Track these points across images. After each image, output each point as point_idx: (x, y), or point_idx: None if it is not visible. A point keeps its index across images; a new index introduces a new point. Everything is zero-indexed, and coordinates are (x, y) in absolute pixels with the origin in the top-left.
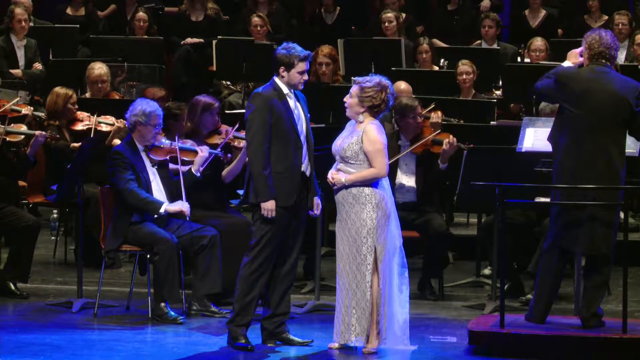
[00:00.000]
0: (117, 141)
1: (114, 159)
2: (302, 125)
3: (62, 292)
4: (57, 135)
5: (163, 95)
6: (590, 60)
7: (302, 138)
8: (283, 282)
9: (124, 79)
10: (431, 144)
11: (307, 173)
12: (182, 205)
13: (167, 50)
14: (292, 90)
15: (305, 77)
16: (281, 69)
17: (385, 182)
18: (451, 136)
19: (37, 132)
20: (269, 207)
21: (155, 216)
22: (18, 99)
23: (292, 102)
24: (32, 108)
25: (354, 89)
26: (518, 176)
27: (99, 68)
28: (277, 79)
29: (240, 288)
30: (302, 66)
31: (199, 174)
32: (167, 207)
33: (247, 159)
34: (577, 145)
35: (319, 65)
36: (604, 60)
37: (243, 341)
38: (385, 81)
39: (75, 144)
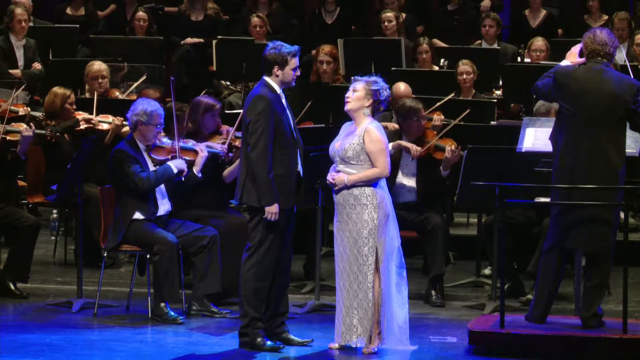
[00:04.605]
0: (127, 129)
1: (117, 157)
2: (292, 124)
3: (62, 292)
4: (58, 134)
5: (158, 96)
6: (587, 59)
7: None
8: (281, 281)
9: (126, 74)
10: (434, 149)
11: (302, 173)
12: (183, 164)
13: (167, 50)
14: (281, 90)
15: (298, 72)
16: (275, 69)
17: (384, 183)
18: (454, 144)
19: (23, 128)
20: (273, 210)
21: (157, 215)
22: (15, 95)
23: (284, 101)
24: (29, 109)
25: (360, 85)
26: (518, 176)
27: (98, 64)
28: (269, 79)
29: (251, 297)
30: (294, 62)
31: (200, 175)
32: (175, 165)
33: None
34: (574, 144)
35: (320, 64)
36: (599, 58)
37: (269, 342)
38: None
39: (86, 118)
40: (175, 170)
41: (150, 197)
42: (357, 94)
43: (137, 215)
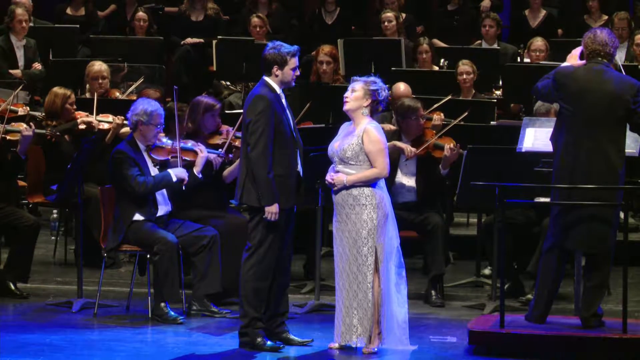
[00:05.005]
0: (126, 129)
1: (116, 158)
2: (292, 124)
3: (62, 292)
4: (58, 133)
5: (159, 96)
6: (588, 59)
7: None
8: (281, 281)
9: (126, 74)
10: (433, 147)
11: (302, 173)
12: (184, 173)
13: (167, 50)
14: (281, 89)
15: (297, 72)
16: (274, 68)
17: (383, 183)
18: (453, 143)
19: (23, 127)
20: (273, 210)
21: (157, 215)
22: (14, 95)
23: (284, 101)
24: (28, 108)
25: (358, 85)
26: (518, 176)
27: (98, 65)
28: (268, 79)
29: (251, 297)
30: (294, 62)
31: (200, 175)
32: (175, 174)
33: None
34: (574, 144)
35: (320, 64)
36: (600, 58)
37: (269, 342)
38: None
39: (86, 120)
40: (174, 179)
41: (149, 198)
42: (355, 94)
43: (137, 217)
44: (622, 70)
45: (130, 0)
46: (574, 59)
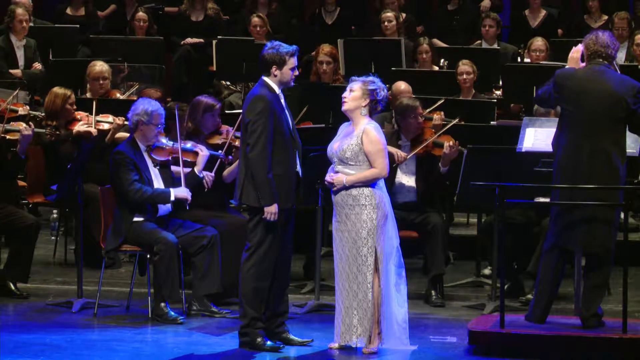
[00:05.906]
0: (124, 134)
1: (116, 159)
2: (291, 124)
3: (62, 292)
4: (57, 132)
5: (159, 96)
6: (588, 60)
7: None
8: (281, 281)
9: (127, 75)
10: (432, 146)
11: (301, 173)
12: (186, 193)
13: (167, 50)
14: (280, 89)
15: (296, 72)
16: (273, 68)
17: (382, 183)
18: (452, 140)
19: (23, 127)
20: (273, 210)
21: (157, 215)
22: (13, 95)
23: (283, 101)
24: (28, 108)
25: (356, 85)
26: (518, 176)
27: (100, 65)
28: (267, 80)
29: (251, 297)
30: (293, 62)
31: (201, 175)
32: (175, 193)
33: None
34: (575, 145)
35: (320, 64)
36: (601, 60)
37: (269, 342)
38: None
39: (82, 130)
40: (172, 198)
41: None
42: (353, 94)
43: (137, 217)
44: (618, 71)
45: (130, 0)
46: (574, 61)
